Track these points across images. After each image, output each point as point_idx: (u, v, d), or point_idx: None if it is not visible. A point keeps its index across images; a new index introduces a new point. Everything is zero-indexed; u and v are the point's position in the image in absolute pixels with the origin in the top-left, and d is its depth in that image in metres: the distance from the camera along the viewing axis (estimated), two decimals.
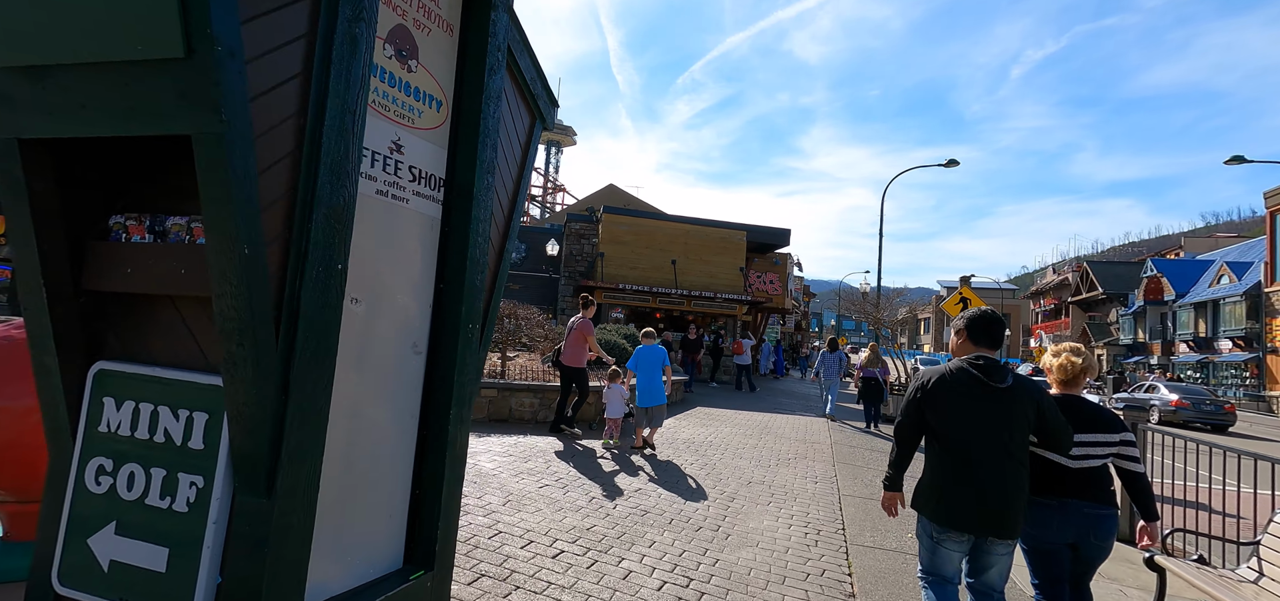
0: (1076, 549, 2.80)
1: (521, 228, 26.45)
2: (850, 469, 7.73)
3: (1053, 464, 2.80)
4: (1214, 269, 38.19)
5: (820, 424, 11.69)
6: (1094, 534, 2.77)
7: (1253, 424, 24.44)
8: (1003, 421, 2.58)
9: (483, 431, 7.50)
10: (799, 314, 51.02)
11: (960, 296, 11.85)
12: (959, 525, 2.59)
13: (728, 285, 20.70)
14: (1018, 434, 2.60)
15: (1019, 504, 2.58)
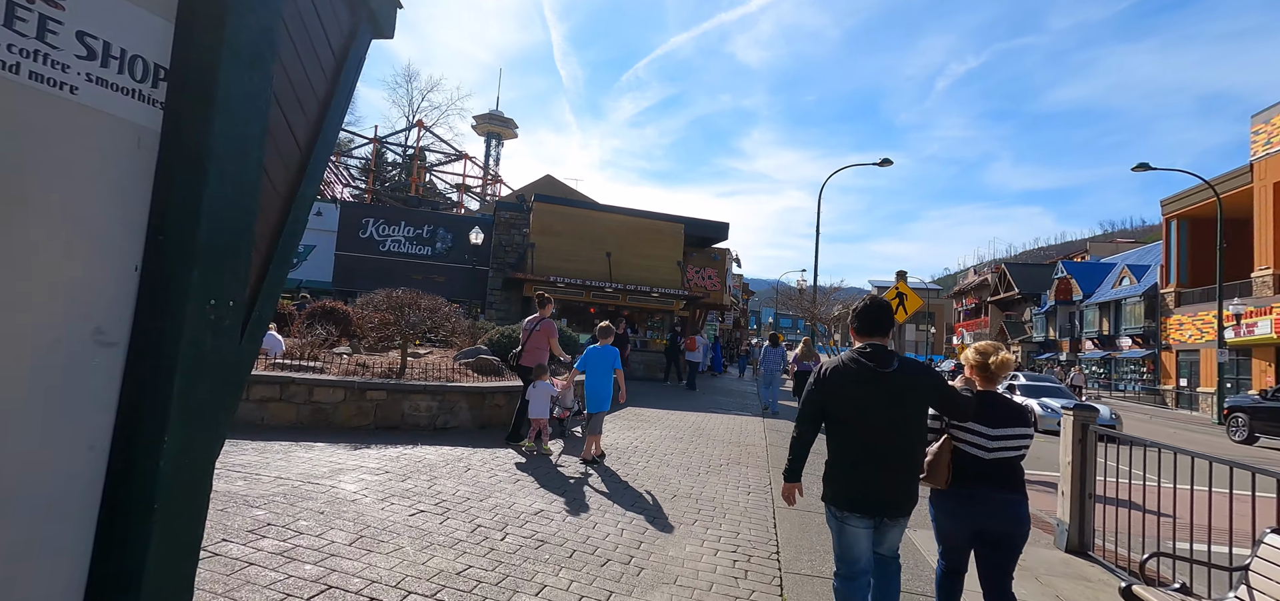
0: (985, 533, 2.89)
1: (449, 217, 24.75)
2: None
3: (970, 456, 2.91)
4: (1116, 271, 40.89)
5: (756, 424, 11.11)
6: (1003, 518, 2.86)
7: (1151, 416, 26.05)
8: (892, 405, 2.68)
9: (363, 442, 6.37)
10: (738, 311, 51.30)
11: (897, 291, 11.56)
12: (858, 507, 2.70)
13: (665, 280, 20.01)
14: (907, 415, 2.72)
15: (911, 484, 2.75)
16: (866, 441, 2.70)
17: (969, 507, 2.87)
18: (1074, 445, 5.12)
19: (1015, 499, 2.87)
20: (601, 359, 6.81)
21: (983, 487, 2.86)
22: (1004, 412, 2.96)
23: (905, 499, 2.73)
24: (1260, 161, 27.13)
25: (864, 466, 2.69)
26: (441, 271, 22.62)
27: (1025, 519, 2.90)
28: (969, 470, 2.90)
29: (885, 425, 2.69)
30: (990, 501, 2.85)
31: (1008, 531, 2.86)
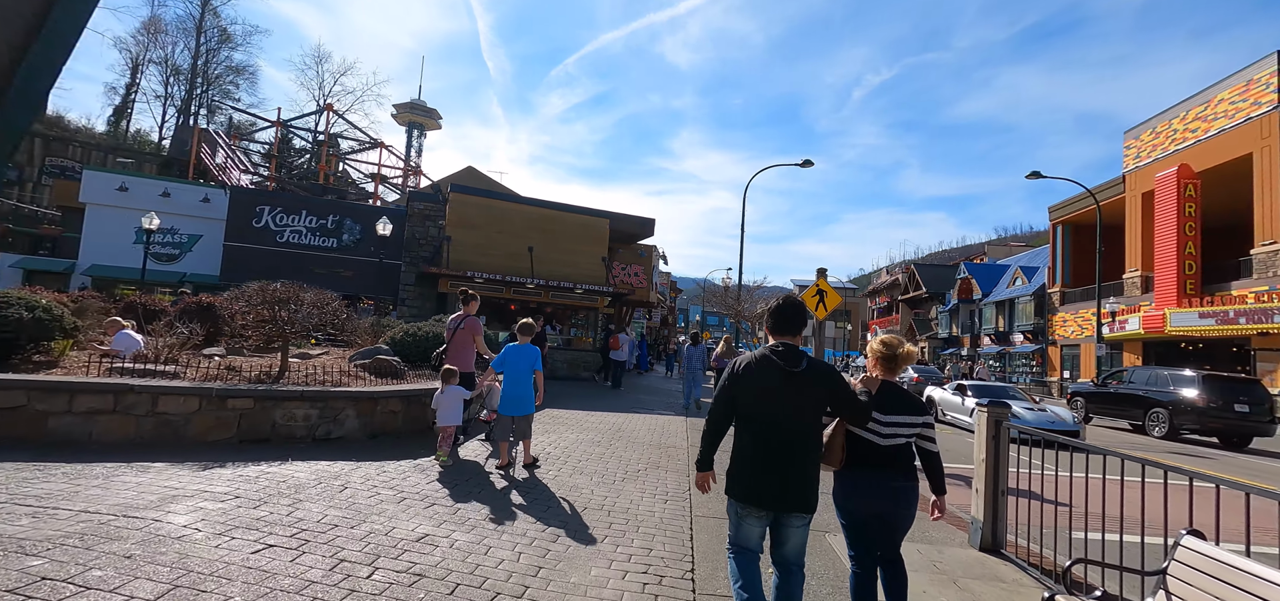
0: (883, 517, 3.00)
1: (356, 207, 22.98)
2: None
3: (865, 441, 2.99)
4: (1010, 272, 44.22)
5: (679, 424, 10.81)
6: (898, 503, 2.99)
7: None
8: (798, 403, 2.75)
9: (218, 460, 5.44)
10: (665, 308, 51.50)
11: (817, 288, 11.63)
12: (757, 502, 2.73)
13: (590, 276, 19.46)
14: (812, 414, 2.79)
15: (812, 481, 2.78)
16: (770, 437, 2.74)
17: (868, 492, 2.99)
18: (988, 442, 5.06)
19: (909, 485, 3.02)
20: (521, 358, 6.32)
21: (880, 473, 2.98)
22: (900, 401, 3.05)
23: (804, 495, 2.76)
24: (1132, 173, 29.98)
25: (765, 461, 2.73)
26: (348, 266, 20.98)
27: (915, 502, 3.06)
28: (866, 456, 3.00)
29: (789, 422, 2.74)
30: (887, 487, 2.97)
31: (897, 514, 3.02)
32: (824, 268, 11.88)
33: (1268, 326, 21.79)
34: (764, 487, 2.72)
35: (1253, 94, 23.54)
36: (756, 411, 2.76)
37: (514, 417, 6.33)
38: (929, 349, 53.71)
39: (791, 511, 2.75)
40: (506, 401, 6.30)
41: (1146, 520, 3.57)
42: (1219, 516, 3.22)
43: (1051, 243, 37.13)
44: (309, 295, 7.32)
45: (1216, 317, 23.57)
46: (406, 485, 5.28)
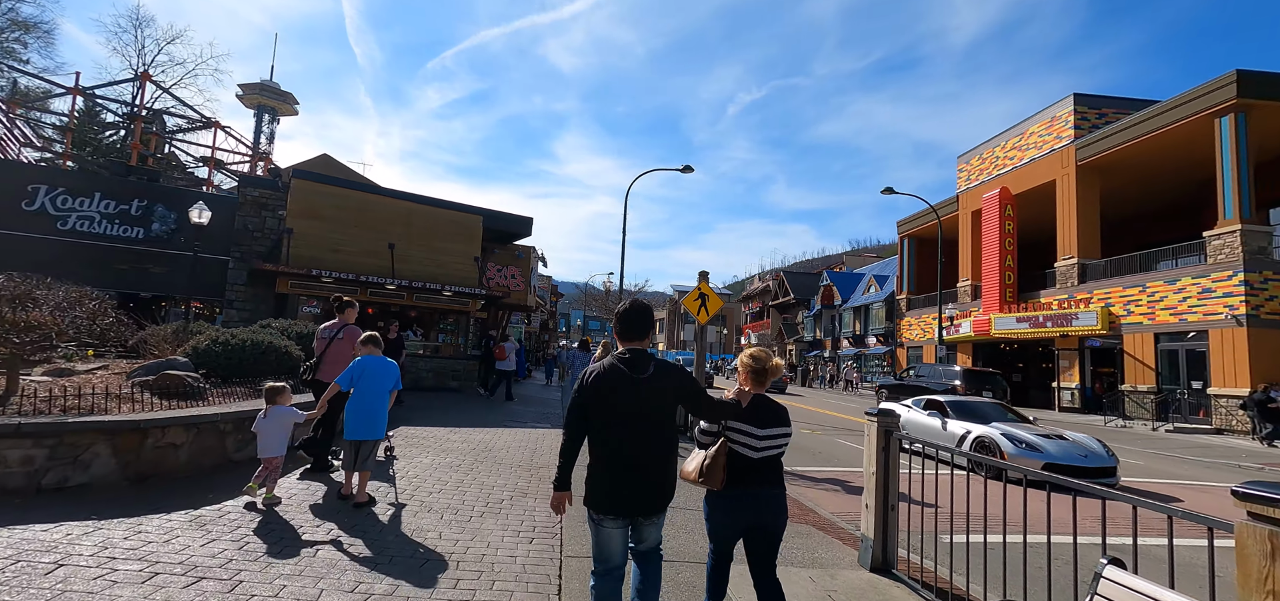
0: (756, 527, 3.04)
1: (168, 190, 19.44)
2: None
3: (740, 456, 3.02)
4: (865, 280, 48.36)
5: (555, 439, 9.91)
6: (770, 511, 3.04)
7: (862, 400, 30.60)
8: (648, 408, 2.75)
9: None
10: (545, 313, 50.08)
11: (699, 292, 11.33)
12: (613, 509, 2.74)
13: (460, 277, 17.89)
14: (661, 417, 2.80)
15: (666, 484, 2.81)
16: (622, 444, 2.73)
17: (743, 505, 3.00)
18: (878, 454, 4.76)
19: (779, 493, 3.10)
20: (378, 374, 5.44)
21: (753, 485, 3.02)
22: (771, 414, 3.11)
23: (659, 498, 2.79)
24: (963, 194, 33.83)
25: (620, 468, 2.72)
26: (160, 260, 17.54)
27: (786, 509, 3.14)
28: (740, 470, 3.02)
29: (640, 427, 2.74)
30: (760, 498, 3.02)
31: (775, 523, 3.08)
32: (706, 271, 11.61)
33: (1067, 329, 25.36)
34: (622, 494, 2.72)
35: (1055, 129, 27.43)
36: (609, 420, 2.74)
37: (359, 443, 5.35)
38: (796, 351, 57.27)
39: (649, 515, 2.79)
40: (354, 422, 5.32)
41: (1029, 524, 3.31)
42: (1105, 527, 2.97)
43: (899, 254, 40.99)
44: (50, 295, 5.47)
45: (1029, 322, 27.07)
46: (168, 551, 3.90)
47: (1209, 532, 2.39)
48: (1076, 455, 8.77)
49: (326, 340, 6.17)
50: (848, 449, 12.11)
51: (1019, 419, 10.66)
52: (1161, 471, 11.62)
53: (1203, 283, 20.35)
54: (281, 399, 5.45)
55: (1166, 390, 21.67)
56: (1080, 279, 25.68)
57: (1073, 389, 25.70)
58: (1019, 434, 9.23)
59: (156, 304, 18.16)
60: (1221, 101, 19.93)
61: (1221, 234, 20.02)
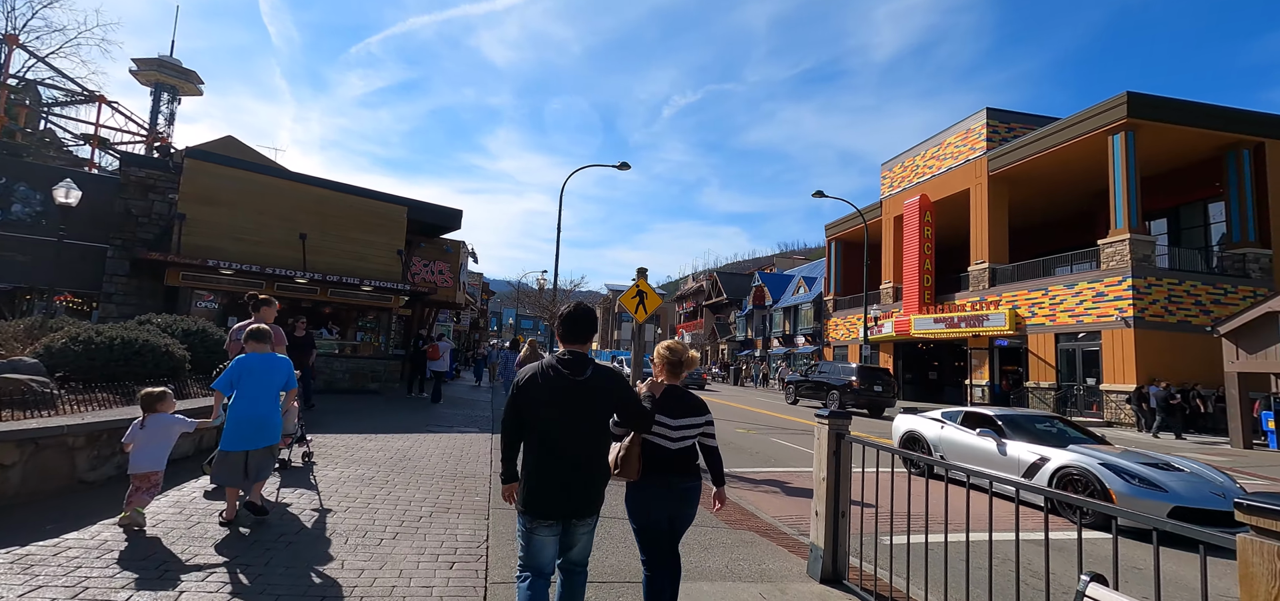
0: (672, 519, 3.11)
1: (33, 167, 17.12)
2: (512, 519, 5.41)
3: (656, 447, 3.07)
4: (795, 282, 49.80)
5: (483, 445, 9.25)
6: (686, 503, 3.13)
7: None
8: (584, 411, 2.73)
9: None
10: (476, 311, 48.40)
11: (637, 289, 10.97)
12: (545, 513, 2.69)
13: (382, 271, 16.68)
14: (597, 421, 2.79)
15: (598, 487, 2.81)
16: (557, 447, 2.70)
17: (661, 496, 3.04)
18: (828, 458, 4.53)
19: (695, 485, 3.15)
20: (263, 373, 4.79)
21: (670, 476, 3.05)
22: (685, 404, 3.17)
23: (591, 501, 2.79)
24: (887, 200, 35.37)
25: (554, 471, 2.69)
26: (21, 248, 15.30)
27: (698, 499, 3.19)
28: (657, 462, 3.05)
29: (575, 431, 2.72)
30: (676, 488, 3.06)
31: (687, 513, 3.14)
32: (644, 267, 11.26)
33: (978, 329, 26.93)
34: (554, 498, 2.69)
35: (970, 141, 29.09)
36: (544, 422, 2.71)
37: (248, 452, 4.65)
38: (729, 350, 58.26)
39: (582, 518, 2.78)
40: (236, 430, 4.62)
41: (975, 521, 3.12)
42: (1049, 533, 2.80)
43: (827, 256, 42.41)
44: None
45: (945, 322, 28.57)
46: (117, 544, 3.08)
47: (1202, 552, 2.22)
48: (1210, 494, 6.48)
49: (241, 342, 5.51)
50: (782, 447, 12.10)
51: (1087, 436, 8.39)
52: None
53: (1097, 287, 22.08)
54: (162, 406, 4.68)
55: (1065, 387, 23.39)
56: (991, 283, 27.34)
57: (983, 386, 27.31)
58: (1125, 466, 6.84)
59: (18, 296, 15.86)
60: (1114, 120, 21.69)
61: (1113, 242, 21.79)
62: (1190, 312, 21.08)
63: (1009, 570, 4.86)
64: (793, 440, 13.29)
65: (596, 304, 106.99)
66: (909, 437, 9.47)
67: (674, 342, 3.28)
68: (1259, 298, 21.46)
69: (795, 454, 11.39)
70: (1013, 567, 4.71)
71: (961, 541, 4.68)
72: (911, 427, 9.59)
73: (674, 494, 3.06)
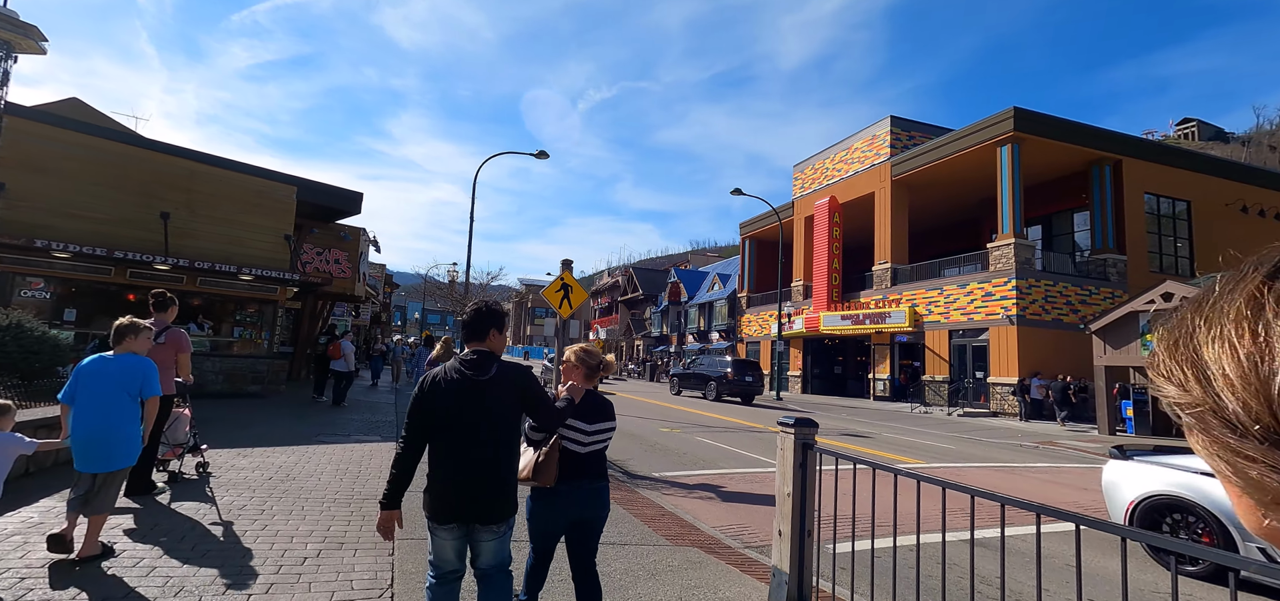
0: (580, 522, 3.07)
1: None
2: (422, 551, 4.53)
3: (569, 452, 3.03)
4: (710, 278, 50.61)
5: (386, 456, 8.15)
6: (596, 505, 3.08)
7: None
8: (488, 412, 2.66)
9: None
10: (377, 304, 45.10)
11: (561, 283, 10.20)
12: (448, 517, 2.63)
13: (266, 258, 14.71)
14: (505, 421, 2.70)
15: (507, 492, 2.70)
16: (465, 449, 2.63)
17: (570, 500, 3.00)
18: (794, 471, 4.08)
19: (604, 486, 3.13)
20: (107, 379, 4.09)
21: (580, 480, 3.04)
22: (598, 409, 3.14)
23: (501, 506, 2.69)
24: (798, 200, 36.58)
25: (462, 474, 2.62)
26: None
27: (609, 502, 3.15)
28: (568, 465, 3.03)
29: (482, 432, 2.65)
30: (586, 491, 3.05)
31: (598, 516, 3.12)
32: (569, 260, 10.51)
33: (881, 326, 28.40)
34: (461, 502, 2.62)
35: (875, 146, 30.61)
36: (450, 424, 2.65)
37: (99, 476, 4.02)
38: (644, 346, 58.36)
39: (490, 523, 2.67)
40: (76, 449, 4.00)
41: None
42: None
43: (741, 254, 43.37)
44: None
45: (852, 319, 29.91)
46: None
47: None
48: None
49: None
50: (709, 447, 11.81)
51: None
52: (980, 456, 12.90)
53: (986, 287, 23.85)
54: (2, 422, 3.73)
55: (957, 380, 25.12)
56: (892, 282, 28.92)
57: (885, 380, 28.86)
58: None
59: None
60: (1002, 132, 23.49)
61: (1001, 246, 23.61)
62: (1062, 312, 23.26)
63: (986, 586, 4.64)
64: (719, 439, 13.05)
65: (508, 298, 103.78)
66: (1164, 503, 5.26)
67: (589, 345, 3.25)
68: (1116, 298, 24.13)
69: (724, 454, 11.10)
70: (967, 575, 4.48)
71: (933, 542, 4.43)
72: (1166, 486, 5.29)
73: (584, 495, 3.04)
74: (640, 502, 6.86)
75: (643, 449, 11.11)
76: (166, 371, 5.44)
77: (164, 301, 5.64)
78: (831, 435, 14.95)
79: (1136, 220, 24.59)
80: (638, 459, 10.11)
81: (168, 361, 5.48)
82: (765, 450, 11.43)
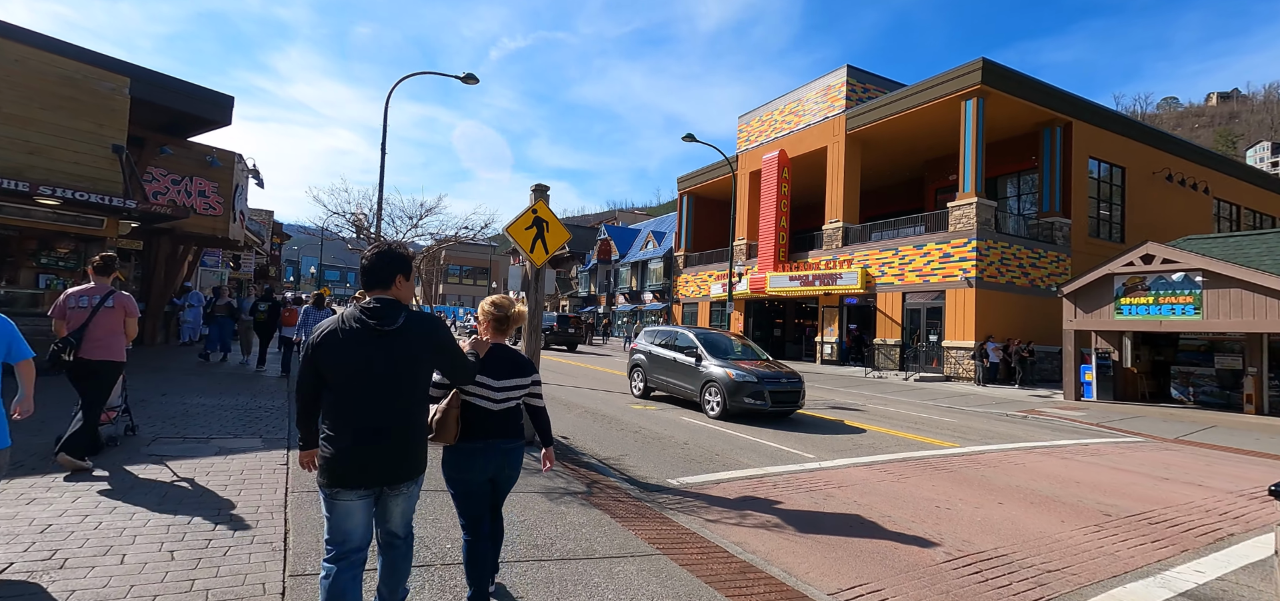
0: (494, 481, 3.02)
1: None
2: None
3: (478, 409, 2.94)
4: (643, 236, 48.16)
5: (277, 467, 5.07)
6: (508, 465, 3.03)
7: None
8: (396, 364, 2.45)
9: None
10: (264, 256, 38.83)
11: (534, 216, 7.25)
12: (354, 481, 2.40)
13: (84, 176, 10.40)
14: (414, 374, 2.52)
15: (417, 448, 2.54)
16: (365, 406, 2.40)
17: (482, 459, 2.92)
18: None
19: (518, 445, 3.06)
20: None
21: (493, 439, 2.94)
22: (509, 364, 3.04)
23: (410, 466, 2.51)
24: (743, 154, 34.64)
25: (362, 434, 2.39)
26: None
27: (521, 461, 3.12)
28: (479, 424, 2.93)
29: (387, 387, 2.43)
30: (498, 450, 2.95)
31: (510, 475, 3.06)
32: (545, 185, 7.56)
33: (831, 288, 27.28)
34: (365, 464, 2.39)
35: (830, 98, 29.04)
36: (346, 379, 2.39)
37: None
38: (571, 307, 55.34)
39: (395, 485, 2.48)
40: None
41: None
42: None
43: (678, 210, 41.13)
44: None
45: (800, 280, 28.61)
46: None
47: None
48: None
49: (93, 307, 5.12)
50: (700, 429, 9.41)
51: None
52: (1002, 434, 11.43)
53: (944, 248, 23.06)
54: None
55: (909, 344, 24.46)
56: (844, 242, 27.79)
57: (832, 343, 27.93)
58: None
59: None
60: (969, 85, 22.45)
61: (961, 205, 22.80)
62: (1015, 275, 22.94)
63: None
64: (700, 417, 10.70)
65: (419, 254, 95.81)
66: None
67: (499, 298, 3.13)
68: (1061, 261, 24.32)
69: (735, 442, 8.74)
70: None
71: None
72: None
73: (495, 454, 2.94)
74: (682, 539, 4.42)
75: (630, 438, 8.53)
76: (116, 335, 5.24)
77: (109, 265, 5.36)
78: (818, 407, 13.11)
79: (1081, 184, 24.67)
80: (635, 455, 7.54)
81: (117, 327, 5.23)
82: (779, 434, 9.21)
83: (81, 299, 5.10)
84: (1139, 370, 18.31)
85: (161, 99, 11.75)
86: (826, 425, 10.72)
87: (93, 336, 5.04)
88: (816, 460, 7.80)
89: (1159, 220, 26.58)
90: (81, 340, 4.98)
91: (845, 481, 6.82)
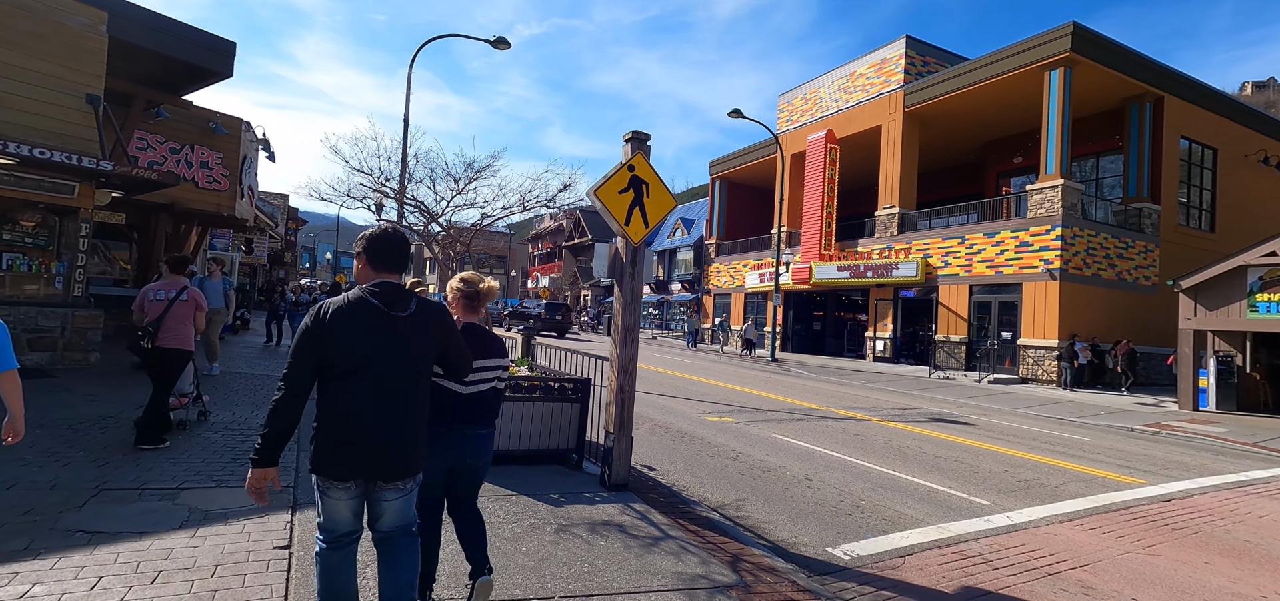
0: (457, 468, 2.82)
1: None
2: None
3: (447, 392, 2.75)
4: (671, 222, 45.98)
5: (268, 530, 3.11)
6: (473, 453, 2.83)
7: (699, 356, 28.04)
8: (407, 352, 2.33)
9: None
10: (279, 241, 37.29)
11: (631, 174, 5.25)
12: (348, 473, 2.25)
13: (51, 131, 8.55)
14: (423, 363, 2.42)
15: (418, 444, 2.41)
16: (372, 396, 2.24)
17: (448, 444, 2.74)
18: None
19: (487, 433, 2.88)
20: None
21: (459, 424, 2.77)
22: (485, 344, 2.89)
23: (407, 461, 2.35)
24: (784, 135, 32.31)
25: (365, 424, 2.24)
26: None
27: (491, 451, 2.93)
28: (448, 410, 2.74)
29: (396, 376, 2.29)
30: (464, 437, 2.78)
31: (480, 463, 2.88)
32: (644, 132, 5.54)
33: (886, 278, 25.04)
34: (363, 456, 2.24)
35: (885, 72, 26.64)
36: (353, 366, 2.23)
37: None
38: (592, 295, 53.44)
39: (396, 479, 2.33)
40: None
41: None
42: None
43: (710, 196, 38.90)
44: None
45: (850, 271, 26.38)
46: None
47: None
48: None
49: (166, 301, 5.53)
50: (814, 456, 7.37)
51: None
52: (1162, 461, 9.28)
53: (1022, 236, 20.73)
54: None
55: (976, 341, 22.18)
56: (900, 229, 25.49)
57: (886, 339, 25.73)
58: None
59: None
60: (1055, 53, 20.02)
61: (1043, 188, 20.43)
62: (1100, 266, 20.57)
63: None
64: (807, 437, 8.66)
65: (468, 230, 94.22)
66: None
67: (469, 274, 3.02)
68: (1150, 252, 21.89)
69: (886, 481, 6.72)
70: None
71: None
72: None
73: (461, 441, 2.76)
74: None
75: (733, 471, 6.51)
76: (186, 326, 5.61)
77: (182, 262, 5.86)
78: (918, 420, 11.04)
79: (1172, 167, 22.17)
80: (755, 500, 5.54)
81: (188, 317, 5.61)
82: (911, 465, 7.16)
83: (159, 292, 5.60)
84: (1260, 376, 16.00)
85: (148, 41, 9.82)
86: (955, 449, 8.65)
87: (166, 327, 5.48)
88: (999, 510, 5.76)
89: (1252, 208, 23.99)
90: (159, 329, 5.41)
91: (1067, 550, 4.79)
